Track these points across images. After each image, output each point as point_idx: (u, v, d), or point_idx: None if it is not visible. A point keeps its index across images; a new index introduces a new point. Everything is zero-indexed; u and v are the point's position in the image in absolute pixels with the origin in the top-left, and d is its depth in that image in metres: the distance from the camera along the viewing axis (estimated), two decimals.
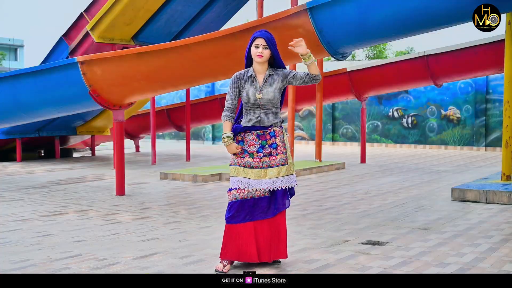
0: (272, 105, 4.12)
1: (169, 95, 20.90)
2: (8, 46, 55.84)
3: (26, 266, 4.19)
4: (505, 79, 7.56)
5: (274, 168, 4.08)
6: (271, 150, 4.10)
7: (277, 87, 4.11)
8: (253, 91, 4.08)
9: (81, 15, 11.68)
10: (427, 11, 5.81)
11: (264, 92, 4.08)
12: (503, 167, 7.68)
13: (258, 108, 4.11)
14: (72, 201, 7.25)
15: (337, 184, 8.91)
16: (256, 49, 4.05)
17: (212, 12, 11.42)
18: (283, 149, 4.12)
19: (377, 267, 4.11)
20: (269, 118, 4.12)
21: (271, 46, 4.06)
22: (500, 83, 15.39)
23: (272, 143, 4.11)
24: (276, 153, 4.10)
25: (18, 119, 8.88)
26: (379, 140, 17.84)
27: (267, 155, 4.09)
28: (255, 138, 4.11)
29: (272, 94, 4.09)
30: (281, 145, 4.12)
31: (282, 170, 4.09)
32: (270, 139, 4.12)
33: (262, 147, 4.10)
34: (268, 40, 4.04)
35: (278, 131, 4.14)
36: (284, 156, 4.11)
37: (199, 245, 4.80)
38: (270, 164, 4.08)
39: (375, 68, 12.15)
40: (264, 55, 4.05)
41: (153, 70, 7.23)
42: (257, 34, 4.09)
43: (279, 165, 4.09)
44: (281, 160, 4.10)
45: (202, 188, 8.42)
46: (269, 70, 4.13)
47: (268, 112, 4.12)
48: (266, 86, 4.09)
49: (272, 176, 4.07)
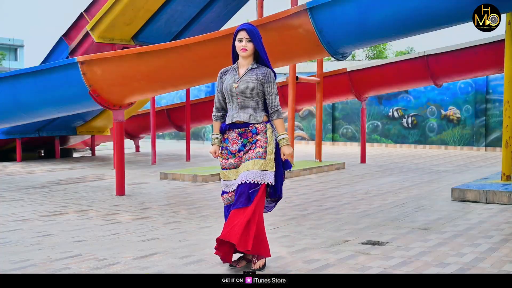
0: (250, 98, 3.98)
1: (169, 95, 20.90)
2: (8, 46, 55.84)
3: (26, 266, 4.18)
4: (505, 79, 7.56)
5: (249, 161, 3.94)
6: (251, 146, 3.99)
7: (256, 81, 3.98)
8: (231, 81, 4.00)
9: (81, 15, 11.68)
10: (427, 11, 5.81)
11: (241, 82, 3.98)
12: (503, 167, 7.67)
13: (236, 101, 4.00)
14: (72, 201, 7.25)
15: (337, 184, 8.91)
16: (240, 43, 3.96)
17: (212, 12, 11.42)
18: (262, 143, 3.97)
19: (377, 267, 4.11)
20: (247, 112, 3.99)
21: (254, 38, 3.95)
22: (500, 83, 15.39)
23: (253, 140, 4.00)
24: (255, 147, 3.97)
25: (18, 119, 8.88)
26: (379, 140, 17.84)
27: (247, 152, 3.99)
28: (237, 137, 4.02)
29: (249, 85, 3.96)
30: (261, 139, 3.98)
31: (257, 163, 3.92)
32: (252, 137, 4.00)
33: (244, 145, 4.00)
34: (251, 32, 3.94)
35: (260, 128, 4.01)
36: (262, 150, 3.95)
37: (199, 245, 4.79)
38: (247, 158, 3.96)
39: (375, 68, 12.14)
40: (248, 48, 3.95)
41: (153, 70, 7.23)
42: (240, 27, 4.00)
43: (255, 158, 3.93)
44: (258, 154, 3.95)
45: (202, 188, 8.42)
46: (253, 64, 4.03)
47: (246, 107, 3.99)
48: (245, 77, 3.99)
49: (246, 169, 3.93)
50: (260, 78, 3.99)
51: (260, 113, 4.03)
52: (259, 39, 3.99)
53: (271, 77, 4.02)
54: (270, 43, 6.26)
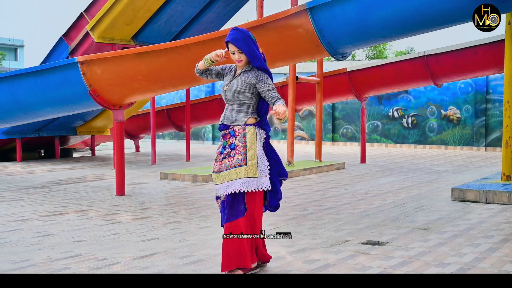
0: (238, 101, 3.94)
1: (169, 95, 20.91)
2: (8, 46, 55.85)
3: (26, 266, 4.18)
4: (505, 79, 7.56)
5: (231, 170, 3.86)
6: (229, 151, 3.90)
7: (244, 83, 3.92)
8: (224, 84, 4.05)
9: (81, 15, 11.69)
10: (427, 11, 5.80)
11: (231, 85, 3.98)
12: (503, 167, 7.67)
13: (227, 103, 4.03)
14: (72, 201, 7.25)
15: (337, 184, 8.91)
16: (233, 55, 3.95)
17: (212, 12, 11.42)
18: (241, 149, 3.86)
19: (377, 267, 4.11)
20: (232, 114, 3.96)
21: (243, 47, 3.88)
22: (500, 83, 15.40)
23: (231, 143, 3.92)
24: (234, 154, 3.88)
25: (18, 119, 8.87)
26: (379, 140, 17.83)
27: (227, 156, 3.91)
28: (221, 139, 4.02)
29: (236, 88, 3.93)
30: (239, 145, 3.88)
31: (240, 172, 3.84)
32: (230, 139, 3.94)
33: (224, 147, 3.96)
34: (238, 42, 3.87)
35: (238, 130, 3.92)
36: (242, 157, 3.85)
37: (199, 245, 4.79)
38: (228, 166, 3.88)
39: (375, 68, 12.14)
40: (242, 59, 3.94)
41: (153, 70, 7.23)
42: (228, 38, 3.93)
43: (235, 166, 3.85)
44: (238, 161, 3.85)
45: (202, 188, 8.42)
46: (247, 66, 4.00)
47: (233, 109, 3.97)
48: (235, 80, 3.98)
49: (230, 178, 3.86)
50: (249, 80, 3.93)
51: (245, 116, 3.94)
52: (249, 42, 3.90)
53: (263, 76, 3.94)
54: (270, 43, 6.28)
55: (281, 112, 3.66)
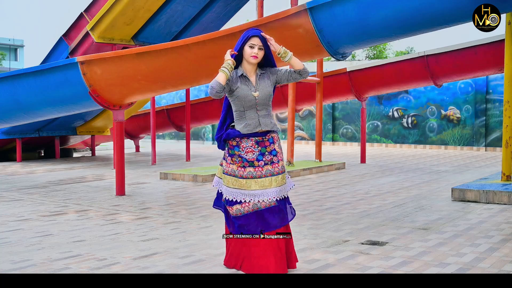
0: (268, 105, 3.98)
1: (169, 95, 20.91)
2: (8, 46, 55.86)
3: (26, 266, 4.18)
4: (505, 79, 7.56)
5: (279, 176, 3.92)
6: (272, 158, 3.93)
7: (271, 85, 4.00)
8: (248, 90, 3.90)
9: (81, 15, 11.68)
10: (427, 11, 5.80)
11: (261, 90, 3.93)
12: (503, 167, 7.67)
13: (255, 109, 3.93)
14: (72, 201, 7.25)
15: (337, 184, 8.91)
16: (251, 49, 3.88)
17: (212, 12, 11.42)
18: (281, 156, 3.99)
19: (377, 267, 4.11)
20: (267, 120, 3.97)
21: (266, 46, 3.91)
22: (500, 83, 15.40)
23: (271, 150, 3.95)
24: (277, 160, 3.94)
25: (18, 119, 8.87)
26: (379, 140, 17.84)
27: (269, 163, 3.91)
28: (253, 145, 3.92)
29: (269, 92, 3.96)
30: (280, 152, 3.98)
31: (284, 177, 3.96)
32: (270, 146, 3.95)
33: (262, 154, 3.92)
34: (264, 40, 3.89)
35: (276, 137, 4.00)
36: (283, 163, 3.98)
37: (199, 245, 4.79)
38: (273, 172, 3.90)
39: (375, 68, 12.14)
40: (259, 57, 3.90)
41: (153, 70, 7.23)
42: (252, 32, 3.90)
43: (282, 172, 3.94)
44: (282, 168, 3.96)
45: (202, 188, 8.42)
46: (259, 70, 3.99)
47: (265, 115, 3.96)
48: (261, 85, 3.95)
49: (278, 184, 3.90)
50: (272, 79, 4.01)
51: (274, 120, 4.06)
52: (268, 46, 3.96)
53: (275, 69, 4.05)
54: None
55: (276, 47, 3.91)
